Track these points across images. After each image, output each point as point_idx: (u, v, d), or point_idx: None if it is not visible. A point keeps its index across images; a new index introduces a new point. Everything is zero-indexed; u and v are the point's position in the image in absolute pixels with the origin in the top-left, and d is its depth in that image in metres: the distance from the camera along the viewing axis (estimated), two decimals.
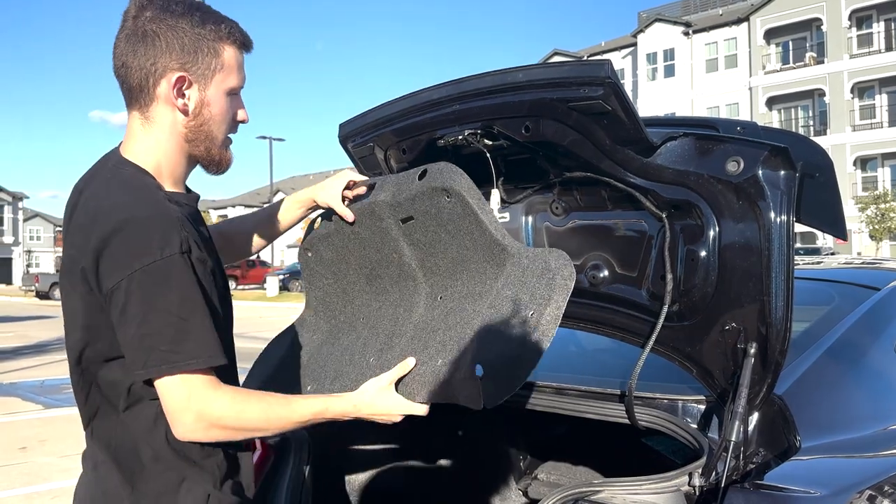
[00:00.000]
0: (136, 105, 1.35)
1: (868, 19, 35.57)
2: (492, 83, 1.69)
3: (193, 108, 1.36)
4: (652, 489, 1.44)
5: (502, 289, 1.52)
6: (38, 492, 5.14)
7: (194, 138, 1.38)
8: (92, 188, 1.33)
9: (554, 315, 1.39)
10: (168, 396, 1.24)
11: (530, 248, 1.54)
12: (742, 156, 1.56)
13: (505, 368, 1.40)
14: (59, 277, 1.37)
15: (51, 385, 9.80)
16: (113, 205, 1.26)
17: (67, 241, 1.33)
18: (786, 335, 1.53)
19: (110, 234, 1.22)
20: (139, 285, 1.21)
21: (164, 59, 1.31)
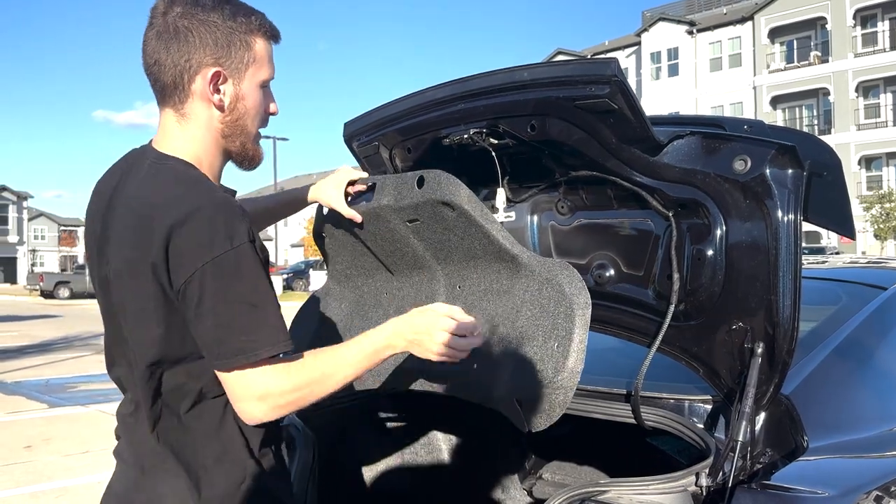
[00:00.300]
0: (169, 102, 1.33)
1: (873, 18, 35.48)
2: (497, 82, 1.68)
3: (229, 104, 1.34)
4: (659, 489, 1.43)
5: (521, 306, 1.57)
6: (43, 490, 5.15)
7: (230, 133, 1.37)
8: (132, 186, 1.30)
9: (578, 354, 1.46)
10: (241, 384, 1.23)
11: (538, 258, 1.57)
12: (749, 154, 1.55)
13: (540, 405, 1.49)
14: (114, 282, 1.30)
15: (55, 384, 9.82)
16: (172, 198, 1.24)
17: (114, 245, 1.29)
18: (793, 335, 1.52)
19: (175, 228, 1.20)
20: (212, 277, 1.19)
21: (199, 54, 1.29)
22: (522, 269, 1.58)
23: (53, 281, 35.56)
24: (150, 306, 1.25)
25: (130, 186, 1.30)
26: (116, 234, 1.29)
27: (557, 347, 1.48)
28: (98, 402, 8.44)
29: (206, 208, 1.23)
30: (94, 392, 9.20)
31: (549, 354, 1.49)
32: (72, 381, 10.12)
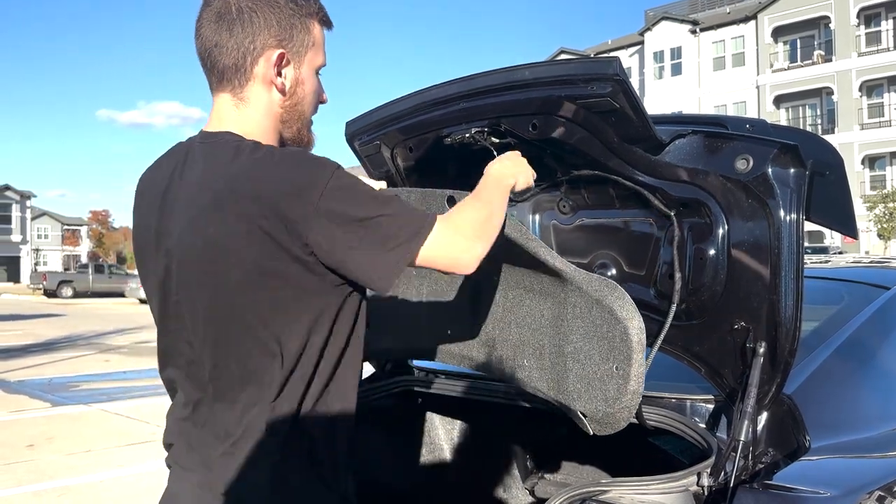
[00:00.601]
0: (227, 86, 1.30)
1: (877, 17, 35.40)
2: (499, 81, 1.68)
3: (289, 87, 1.32)
4: (660, 489, 1.43)
5: (572, 320, 1.60)
6: (45, 489, 5.15)
7: (288, 119, 1.34)
8: (195, 171, 1.25)
9: (639, 378, 1.49)
10: (436, 253, 1.23)
11: (582, 273, 1.57)
12: (751, 153, 1.55)
13: (604, 420, 1.56)
14: (191, 267, 1.22)
15: (58, 383, 9.83)
16: (254, 161, 1.20)
17: (188, 231, 1.22)
18: (795, 334, 1.52)
19: (273, 186, 1.16)
20: (334, 208, 1.16)
21: (263, 36, 1.27)
22: (568, 284, 1.59)
23: (56, 280, 35.63)
24: (251, 276, 1.19)
25: (193, 171, 1.26)
26: (189, 220, 1.23)
27: (617, 370, 1.51)
28: (101, 402, 8.46)
29: (290, 153, 1.22)
30: (96, 391, 9.22)
31: (610, 375, 1.52)
32: (74, 380, 10.13)
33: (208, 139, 1.29)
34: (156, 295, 1.33)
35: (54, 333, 16.97)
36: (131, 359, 12.55)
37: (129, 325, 19.55)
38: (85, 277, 35.81)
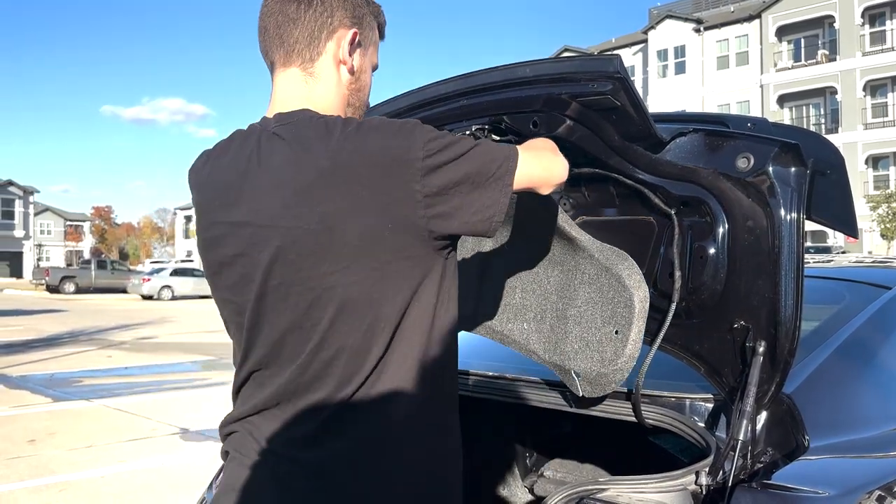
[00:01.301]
0: (297, 60, 1.29)
1: (881, 17, 35.32)
2: (500, 78, 1.67)
3: (357, 70, 1.33)
4: (658, 487, 1.42)
5: (579, 286, 1.68)
6: (47, 484, 5.17)
7: (354, 103, 1.34)
8: (284, 150, 1.21)
9: (636, 343, 1.57)
10: (532, 174, 1.28)
11: (596, 243, 1.66)
12: (752, 152, 1.54)
13: (596, 380, 1.65)
14: (308, 246, 1.17)
15: (60, 378, 9.86)
16: (352, 133, 1.18)
17: (306, 204, 1.17)
18: (795, 334, 1.51)
19: (379, 155, 1.15)
20: (438, 159, 1.16)
21: (341, 13, 1.29)
22: (580, 252, 1.67)
23: (59, 275, 35.71)
24: (364, 249, 1.16)
25: (278, 154, 1.22)
26: (289, 203, 1.18)
27: (617, 334, 1.60)
28: (102, 397, 8.47)
29: (380, 123, 1.20)
30: (98, 387, 9.24)
31: (609, 338, 1.62)
32: (76, 375, 10.16)
33: (285, 120, 1.25)
34: (240, 285, 1.27)
35: (56, 329, 17.00)
36: (133, 355, 12.57)
37: (131, 322, 19.58)
38: (87, 273, 35.87)
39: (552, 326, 1.75)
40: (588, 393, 1.67)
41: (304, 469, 1.20)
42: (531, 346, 1.80)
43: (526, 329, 1.81)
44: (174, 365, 11.38)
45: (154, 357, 12.25)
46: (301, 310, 1.21)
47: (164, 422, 7.14)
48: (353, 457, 1.19)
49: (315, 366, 1.21)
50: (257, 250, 1.23)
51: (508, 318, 1.85)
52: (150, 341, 14.76)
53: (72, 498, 4.87)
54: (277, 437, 1.24)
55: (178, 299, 31.46)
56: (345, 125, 1.20)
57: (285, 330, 1.23)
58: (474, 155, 1.20)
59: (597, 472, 2.78)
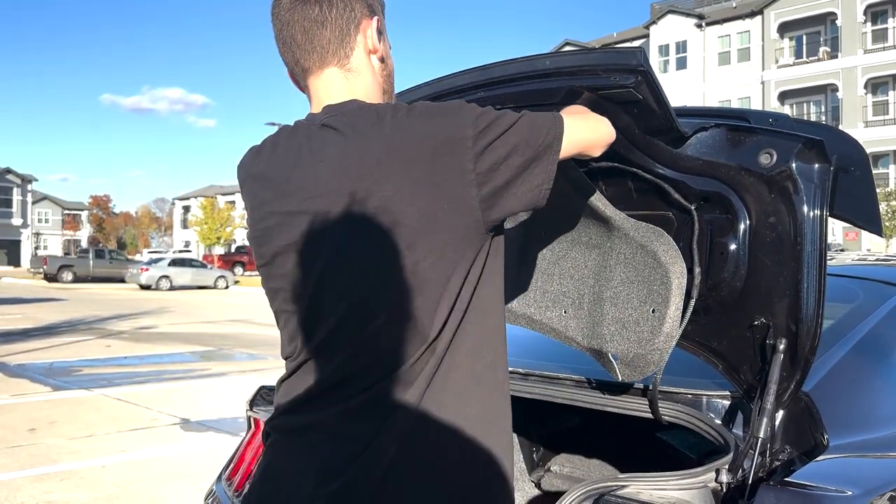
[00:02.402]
0: (333, 60, 1.29)
1: (883, 14, 35.26)
2: (519, 70, 1.65)
3: (385, 56, 1.34)
4: (679, 485, 1.41)
5: (614, 266, 1.67)
6: (47, 473, 5.16)
7: (388, 89, 1.36)
8: (338, 140, 1.22)
9: (674, 321, 1.55)
10: (580, 138, 1.29)
11: (632, 221, 1.64)
12: (775, 148, 1.52)
13: (634, 362, 1.62)
14: (369, 233, 1.17)
15: (59, 367, 9.85)
16: (403, 118, 1.19)
17: (367, 189, 1.17)
18: (817, 332, 1.50)
19: (433, 137, 1.16)
20: (488, 135, 1.17)
21: (359, 4, 1.30)
22: (616, 231, 1.66)
23: (57, 264, 35.63)
24: (422, 231, 1.17)
25: (332, 144, 1.22)
26: (350, 189, 1.19)
27: (654, 313, 1.58)
28: (102, 387, 8.46)
29: (427, 107, 1.20)
30: (97, 376, 9.23)
31: (645, 318, 1.59)
32: (76, 364, 10.14)
33: (335, 111, 1.25)
34: (295, 274, 1.27)
35: (55, 318, 16.98)
36: (132, 344, 12.56)
37: (130, 311, 19.57)
38: (85, 262, 35.82)
39: (590, 311, 1.73)
40: (626, 377, 1.64)
41: (348, 445, 1.19)
42: (569, 333, 1.78)
43: (564, 316, 1.79)
44: (173, 355, 11.37)
45: (153, 347, 12.24)
46: (357, 297, 1.21)
47: (165, 412, 7.14)
48: (401, 434, 1.18)
49: (369, 353, 1.21)
50: (313, 239, 1.24)
51: (547, 306, 1.83)
52: (149, 331, 14.74)
53: (73, 487, 4.86)
54: (325, 421, 1.23)
55: (176, 289, 31.42)
56: (395, 111, 1.21)
57: (342, 317, 1.22)
58: (521, 126, 1.20)
59: (604, 468, 2.77)
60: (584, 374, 1.98)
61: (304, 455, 1.23)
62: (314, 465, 1.21)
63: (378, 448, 1.18)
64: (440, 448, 1.19)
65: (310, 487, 1.20)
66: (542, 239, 1.89)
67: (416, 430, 1.19)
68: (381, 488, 1.16)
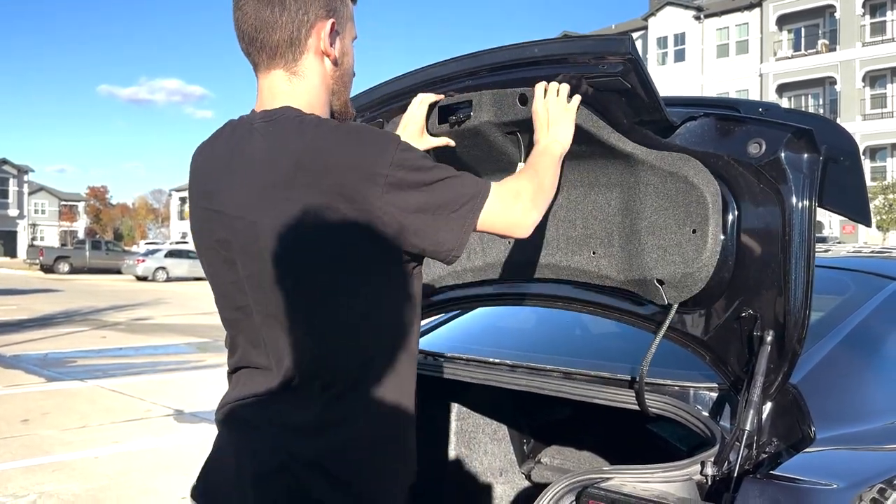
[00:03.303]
0: (280, 62, 1.30)
1: (882, 7, 35.17)
2: (507, 58, 1.64)
3: (339, 57, 1.34)
4: (663, 477, 1.40)
5: (643, 198, 1.66)
6: (40, 464, 5.15)
7: (338, 89, 1.37)
8: (260, 145, 1.25)
9: (716, 237, 1.56)
10: (494, 217, 1.28)
11: (656, 153, 1.62)
12: (764, 137, 1.51)
13: (681, 281, 1.62)
14: (269, 243, 1.22)
15: (54, 358, 9.83)
16: (321, 135, 1.21)
17: (270, 200, 1.22)
18: (804, 323, 1.49)
19: (343, 159, 1.18)
20: (402, 177, 1.19)
21: (315, 7, 1.29)
22: (640, 165, 1.65)
23: (53, 255, 35.55)
24: (319, 250, 1.21)
25: (255, 148, 1.26)
26: (258, 197, 1.23)
27: (694, 232, 1.59)
28: (97, 378, 8.45)
29: (352, 129, 1.23)
30: (92, 367, 9.21)
31: (687, 238, 1.60)
32: (70, 355, 10.12)
33: (268, 117, 1.28)
34: (222, 272, 1.32)
35: (50, 309, 16.95)
36: (128, 336, 12.54)
37: (126, 302, 19.54)
38: (82, 253, 35.74)
39: (622, 246, 1.72)
40: (673, 299, 1.64)
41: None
42: (602, 272, 1.77)
43: (594, 256, 1.78)
44: (169, 346, 11.36)
45: (149, 338, 12.22)
46: (274, 301, 1.25)
47: (159, 403, 7.13)
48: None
49: (292, 356, 1.25)
50: (233, 239, 1.28)
51: (573, 251, 1.82)
52: (145, 322, 14.72)
53: (65, 478, 4.85)
54: (261, 413, 1.29)
55: (173, 281, 31.39)
56: (318, 125, 1.23)
57: (264, 317, 1.27)
58: (442, 186, 1.22)
59: (594, 459, 2.77)
60: (572, 365, 1.97)
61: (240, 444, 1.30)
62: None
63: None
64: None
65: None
66: (559, 189, 1.84)
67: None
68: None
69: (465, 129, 1.75)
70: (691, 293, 1.62)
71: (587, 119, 1.61)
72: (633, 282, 1.72)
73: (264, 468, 1.24)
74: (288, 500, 1.23)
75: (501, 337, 2.66)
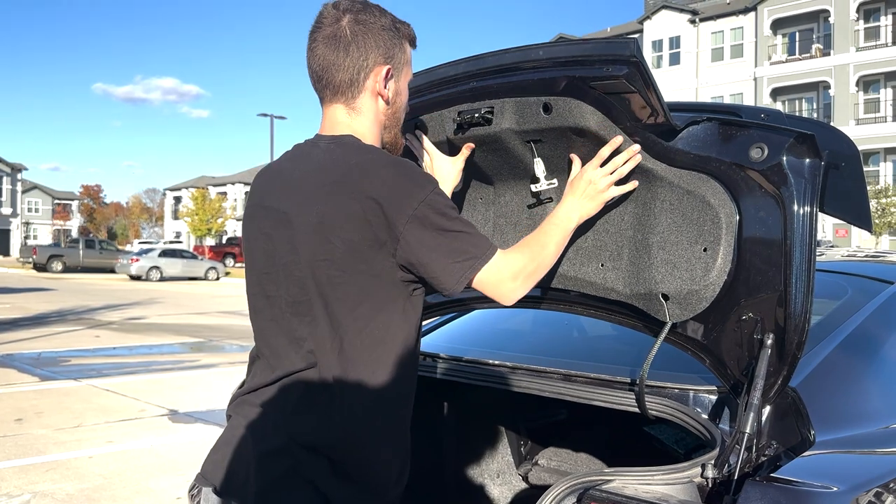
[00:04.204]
0: (341, 98, 1.52)
1: (876, 12, 35.35)
2: (512, 60, 1.64)
3: (391, 97, 1.55)
4: (664, 480, 1.40)
5: (659, 214, 1.67)
6: (34, 464, 5.13)
7: (389, 125, 1.57)
8: (320, 159, 1.46)
9: (727, 256, 1.57)
10: (487, 283, 1.44)
11: (675, 170, 1.64)
12: (767, 142, 1.51)
13: (688, 299, 1.64)
14: (309, 237, 1.41)
15: (48, 357, 9.79)
16: (370, 160, 1.41)
17: (315, 201, 1.40)
18: (805, 327, 1.49)
19: (382, 186, 1.37)
20: (427, 216, 1.37)
21: (374, 54, 1.50)
22: (658, 181, 1.66)
23: (47, 254, 35.40)
24: (346, 252, 1.38)
25: (315, 161, 1.46)
26: (308, 197, 1.42)
27: (706, 251, 1.60)
28: (90, 377, 8.42)
29: (402, 161, 1.43)
30: (86, 366, 9.18)
31: (697, 256, 1.62)
32: (64, 355, 10.09)
33: (334, 140, 1.49)
34: (257, 260, 1.52)
35: (44, 308, 16.89)
36: (121, 335, 12.50)
37: (120, 301, 19.48)
38: (75, 252, 35.60)
39: (631, 260, 1.73)
40: (676, 317, 1.66)
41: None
42: (609, 284, 1.78)
43: (602, 269, 1.79)
44: (162, 346, 11.33)
45: (142, 338, 12.19)
46: (294, 292, 1.44)
47: (153, 403, 7.11)
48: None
49: (304, 346, 1.43)
50: (273, 232, 1.48)
51: (582, 262, 1.83)
52: (139, 322, 14.68)
53: (59, 478, 4.83)
54: (270, 402, 1.46)
55: (167, 280, 31.30)
56: (369, 151, 1.45)
57: (285, 306, 1.46)
58: (456, 237, 1.40)
59: (591, 461, 2.77)
60: (572, 367, 1.97)
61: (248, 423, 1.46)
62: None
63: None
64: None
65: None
66: None
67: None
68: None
69: (484, 136, 1.77)
70: (694, 312, 1.64)
71: (602, 125, 1.61)
72: (639, 296, 1.72)
73: (267, 448, 1.40)
74: (285, 480, 1.39)
75: (500, 338, 2.66)
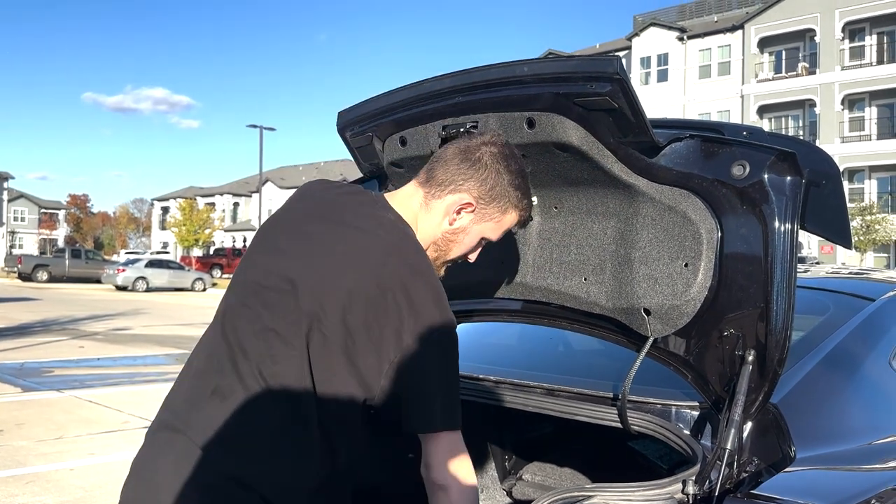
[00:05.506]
0: (427, 188, 1.57)
1: (861, 32, 35.83)
2: (497, 75, 1.65)
3: (456, 227, 1.58)
4: (645, 496, 1.41)
5: (640, 229, 1.68)
6: (14, 476, 5.06)
7: (440, 246, 1.60)
8: (367, 214, 1.52)
9: (707, 272, 1.59)
10: (440, 451, 1.54)
11: (657, 186, 1.65)
12: (748, 160, 1.53)
13: (667, 314, 1.65)
14: (323, 282, 1.44)
15: (30, 368, 9.69)
16: (410, 250, 1.48)
17: (341, 258, 1.46)
18: (785, 343, 1.50)
19: (415, 275, 1.44)
20: (446, 345, 1.43)
21: (472, 184, 1.54)
22: (640, 197, 1.67)
23: (32, 264, 35.14)
24: (344, 331, 1.42)
25: (362, 214, 1.52)
26: (348, 250, 1.46)
27: (686, 267, 1.61)
28: (73, 388, 8.34)
29: (438, 287, 1.47)
30: (69, 377, 9.09)
31: (678, 272, 1.62)
32: (47, 365, 9.99)
33: (386, 222, 1.52)
34: (260, 272, 1.54)
35: (28, 317, 16.72)
36: (106, 346, 12.39)
37: (105, 312, 19.32)
38: (61, 262, 35.35)
39: (613, 274, 1.74)
40: (657, 332, 1.67)
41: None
42: (591, 298, 1.79)
43: (585, 283, 1.80)
44: (147, 357, 11.24)
45: (127, 349, 12.09)
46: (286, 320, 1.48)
47: (136, 415, 7.04)
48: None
49: (269, 385, 1.46)
50: (297, 260, 1.50)
51: (565, 276, 1.84)
52: (124, 333, 14.56)
53: (40, 490, 4.77)
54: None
55: (153, 291, 31.09)
56: (417, 250, 1.49)
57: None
58: (453, 378, 1.46)
59: (576, 477, 2.77)
60: (555, 382, 1.97)
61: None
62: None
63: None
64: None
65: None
66: (554, 213, 1.88)
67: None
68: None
69: None
70: (676, 327, 1.64)
71: (585, 141, 1.62)
72: (621, 310, 1.73)
73: (199, 482, 1.43)
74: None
75: (484, 353, 2.66)
